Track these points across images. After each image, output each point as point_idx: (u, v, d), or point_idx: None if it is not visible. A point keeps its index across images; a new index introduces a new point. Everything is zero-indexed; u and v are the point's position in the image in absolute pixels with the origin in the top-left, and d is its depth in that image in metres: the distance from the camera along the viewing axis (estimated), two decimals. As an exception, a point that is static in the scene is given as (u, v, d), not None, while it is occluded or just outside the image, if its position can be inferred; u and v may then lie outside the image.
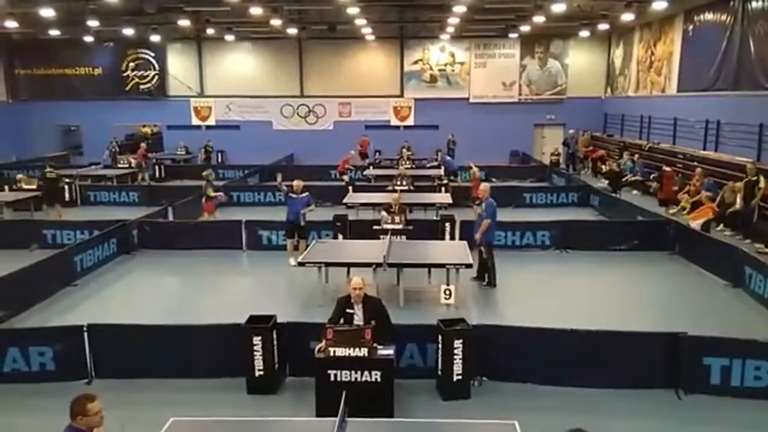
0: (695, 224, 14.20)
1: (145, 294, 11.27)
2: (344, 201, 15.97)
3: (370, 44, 28.81)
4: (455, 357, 6.90)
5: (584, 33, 25.91)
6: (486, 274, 10.90)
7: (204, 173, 15.58)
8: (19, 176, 19.04)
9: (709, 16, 19.09)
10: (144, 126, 30.65)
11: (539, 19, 20.97)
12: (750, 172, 13.93)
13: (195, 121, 29.84)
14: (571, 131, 27.06)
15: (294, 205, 12.36)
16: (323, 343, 6.49)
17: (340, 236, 13.05)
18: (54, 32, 25.70)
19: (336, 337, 6.46)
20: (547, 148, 28.66)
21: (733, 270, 10.81)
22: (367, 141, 27.39)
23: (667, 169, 18.37)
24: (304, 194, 12.47)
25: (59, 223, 14.75)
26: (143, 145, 25.91)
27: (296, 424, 5.82)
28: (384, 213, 12.83)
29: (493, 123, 28.18)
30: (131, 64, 29.54)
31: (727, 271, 11.01)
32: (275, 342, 7.19)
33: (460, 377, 6.96)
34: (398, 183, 17.51)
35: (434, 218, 14.64)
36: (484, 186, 11.34)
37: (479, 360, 7.15)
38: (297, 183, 12.57)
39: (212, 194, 14.70)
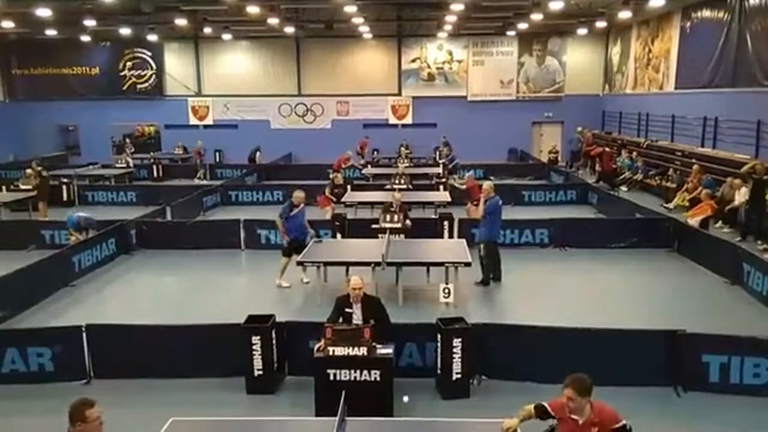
0: (693, 221, 14.19)
1: (144, 294, 11.24)
2: (342, 200, 15.95)
3: (367, 43, 28.78)
4: (454, 356, 6.89)
5: (582, 30, 25.91)
6: (483, 272, 10.86)
7: (331, 176, 17.09)
8: (22, 180, 18.67)
9: (706, 13, 19.09)
10: (150, 125, 30.40)
11: (537, 16, 20.92)
12: (759, 173, 13.44)
13: (193, 121, 29.80)
14: (579, 128, 26.85)
15: (295, 220, 10.80)
16: (322, 343, 6.49)
17: (339, 235, 13.04)
18: (51, 32, 25.65)
19: (335, 337, 6.46)
20: (545, 146, 28.65)
21: (732, 267, 10.81)
22: (366, 143, 27.23)
23: (608, 149, 22.50)
24: (302, 206, 10.91)
25: (56, 223, 14.68)
26: (199, 143, 26.13)
27: (296, 423, 5.80)
28: (388, 207, 12.71)
29: (491, 121, 28.16)
30: (128, 64, 29.50)
31: (726, 269, 11.01)
32: (274, 341, 7.18)
33: (459, 376, 6.95)
34: (397, 182, 17.49)
35: (433, 217, 14.64)
36: (488, 184, 11.20)
37: (478, 358, 7.15)
38: (297, 194, 10.86)
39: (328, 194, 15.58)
